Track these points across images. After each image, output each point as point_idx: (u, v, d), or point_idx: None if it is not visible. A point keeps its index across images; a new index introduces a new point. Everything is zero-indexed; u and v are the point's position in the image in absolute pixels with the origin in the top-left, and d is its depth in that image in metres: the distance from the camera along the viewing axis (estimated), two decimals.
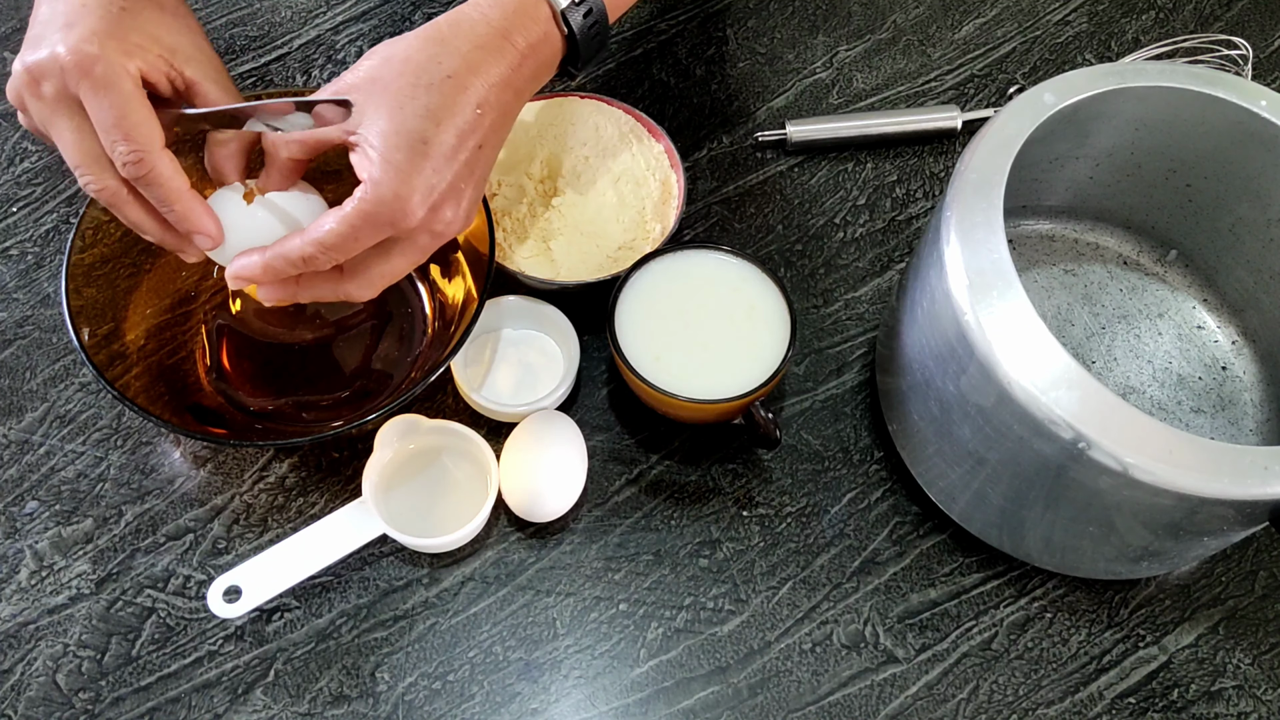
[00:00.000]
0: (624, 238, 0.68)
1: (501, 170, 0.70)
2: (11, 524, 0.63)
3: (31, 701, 0.58)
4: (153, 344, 0.64)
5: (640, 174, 0.70)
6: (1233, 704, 0.60)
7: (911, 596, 0.63)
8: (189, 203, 0.54)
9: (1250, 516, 0.52)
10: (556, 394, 0.64)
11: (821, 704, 0.60)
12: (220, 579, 0.59)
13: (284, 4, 0.82)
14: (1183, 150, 0.63)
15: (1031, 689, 0.60)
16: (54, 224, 0.72)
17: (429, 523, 0.62)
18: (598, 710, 0.59)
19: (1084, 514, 0.55)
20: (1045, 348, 0.50)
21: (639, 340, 0.62)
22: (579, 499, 0.63)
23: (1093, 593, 0.63)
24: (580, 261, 0.67)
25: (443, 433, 0.63)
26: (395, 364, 0.66)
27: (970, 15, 0.85)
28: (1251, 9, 0.86)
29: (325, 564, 0.60)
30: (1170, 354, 0.67)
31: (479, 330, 0.64)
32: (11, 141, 0.76)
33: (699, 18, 0.83)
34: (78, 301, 0.59)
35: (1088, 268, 0.69)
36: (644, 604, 0.62)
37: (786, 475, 0.66)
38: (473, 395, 0.64)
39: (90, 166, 0.53)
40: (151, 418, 0.56)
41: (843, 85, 0.81)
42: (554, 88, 0.73)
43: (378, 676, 0.59)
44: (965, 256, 0.53)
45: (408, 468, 0.63)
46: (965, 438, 0.56)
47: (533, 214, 0.69)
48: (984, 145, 0.56)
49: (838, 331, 0.71)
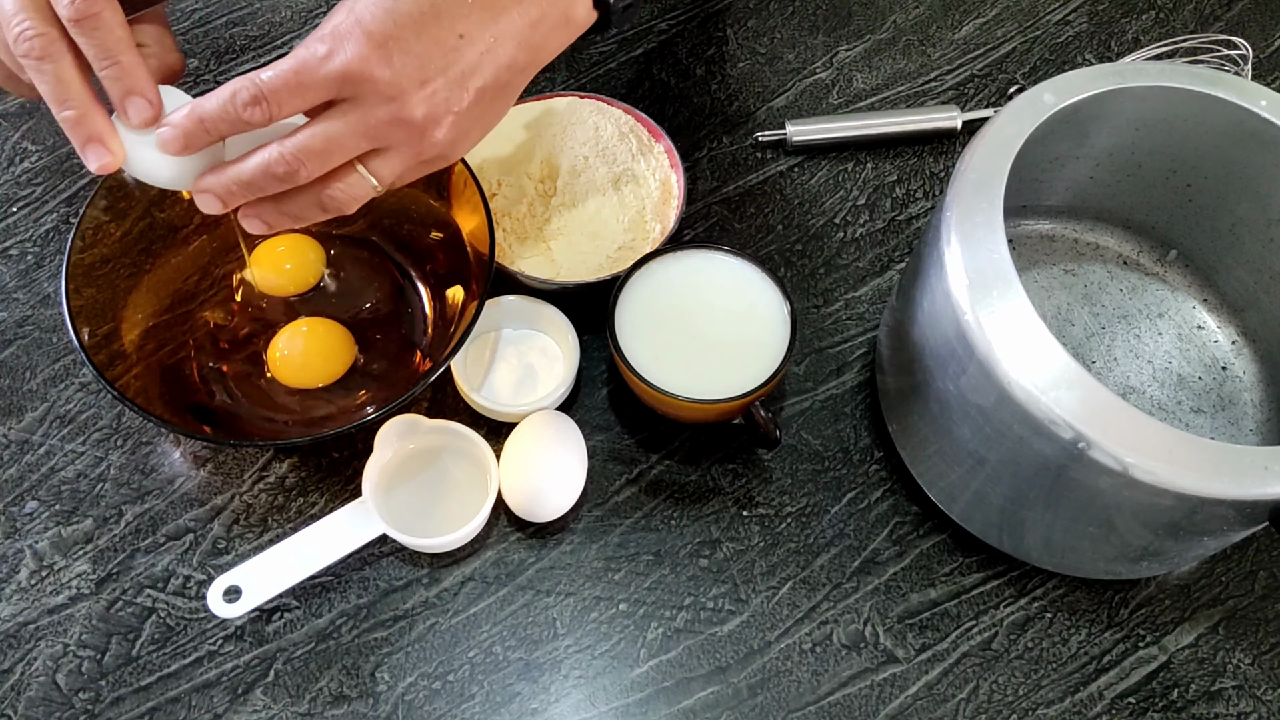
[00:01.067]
0: (624, 238, 0.68)
1: (501, 170, 0.70)
2: (11, 524, 0.63)
3: (31, 701, 0.58)
4: (152, 344, 0.64)
5: (640, 174, 0.70)
6: (1233, 704, 0.60)
7: (911, 596, 0.63)
8: (133, 58, 0.49)
9: (1250, 516, 0.52)
10: (556, 394, 0.64)
11: (821, 704, 0.60)
12: (220, 579, 0.59)
13: (284, 4, 0.82)
14: (1183, 150, 0.63)
15: (1031, 689, 0.60)
16: (54, 224, 0.72)
17: (429, 523, 0.62)
18: (598, 710, 0.59)
19: (1084, 514, 0.55)
20: (1045, 347, 0.50)
21: (639, 340, 0.62)
22: (579, 499, 0.63)
23: (1093, 593, 0.63)
24: (580, 261, 0.67)
25: (443, 433, 0.63)
26: (395, 364, 0.66)
27: (970, 15, 0.85)
28: (1251, 9, 0.86)
29: (325, 564, 0.60)
30: (1170, 354, 0.67)
31: (479, 330, 0.64)
32: (11, 141, 0.76)
33: (699, 18, 0.83)
34: (78, 301, 0.59)
35: (1088, 268, 0.69)
36: (644, 604, 0.62)
37: (786, 475, 0.66)
38: (473, 395, 0.64)
39: (29, 10, 0.49)
40: (151, 418, 0.56)
41: (843, 85, 0.81)
42: (550, 88, 0.73)
43: (378, 676, 0.59)
44: (965, 256, 0.53)
45: (407, 468, 0.63)
46: (965, 438, 0.56)
47: (532, 214, 0.69)
48: (984, 145, 0.56)
49: (838, 331, 0.71)
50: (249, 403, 0.64)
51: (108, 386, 0.57)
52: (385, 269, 0.69)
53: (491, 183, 0.69)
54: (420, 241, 0.69)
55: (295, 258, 0.68)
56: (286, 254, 0.67)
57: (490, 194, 0.68)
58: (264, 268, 0.67)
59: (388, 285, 0.69)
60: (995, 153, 0.56)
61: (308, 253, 0.68)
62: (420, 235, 0.69)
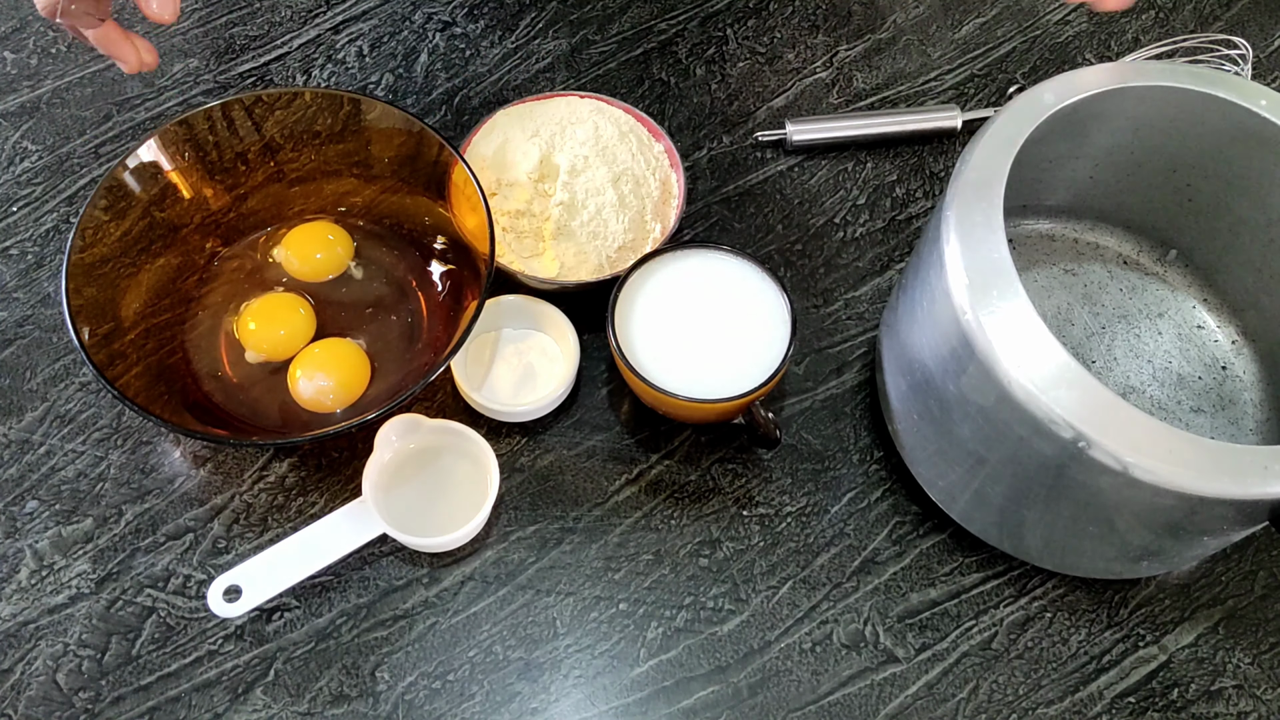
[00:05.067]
0: (624, 238, 0.68)
1: (501, 170, 0.70)
2: (11, 523, 0.63)
3: (31, 701, 0.58)
4: (153, 343, 0.64)
5: (640, 174, 0.70)
6: (1232, 703, 0.60)
7: (911, 596, 0.63)
8: None
9: (1250, 516, 0.52)
10: (556, 394, 0.64)
11: (821, 703, 0.60)
12: (220, 578, 0.59)
13: (284, 4, 0.82)
14: (1183, 150, 0.63)
15: (1031, 688, 0.60)
16: (54, 224, 0.72)
17: (429, 522, 0.62)
18: (598, 710, 0.59)
19: (1084, 513, 0.55)
20: (1045, 347, 0.50)
21: (639, 340, 0.62)
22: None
23: (1093, 592, 0.63)
24: (580, 261, 0.67)
25: (443, 433, 0.63)
26: (395, 364, 0.66)
27: (970, 15, 0.85)
28: (1251, 9, 0.86)
29: (325, 563, 0.60)
30: (1170, 353, 0.67)
31: (479, 329, 0.64)
32: (11, 141, 0.76)
33: (699, 17, 0.84)
34: (78, 301, 0.59)
35: (1088, 267, 0.69)
36: (644, 603, 0.62)
37: (786, 475, 0.66)
38: (473, 395, 0.64)
39: None
40: (151, 417, 0.56)
41: (843, 85, 0.81)
42: (550, 88, 0.73)
43: (378, 676, 0.59)
44: (965, 256, 0.53)
45: (408, 467, 0.63)
46: (965, 437, 0.56)
47: (532, 214, 0.69)
48: (984, 145, 0.56)
49: (838, 331, 0.71)
50: (248, 402, 0.64)
51: (108, 386, 0.57)
52: (390, 266, 0.69)
53: (491, 182, 0.69)
54: (421, 241, 0.69)
55: (326, 246, 0.68)
56: (319, 241, 0.68)
57: (490, 193, 0.68)
58: (295, 252, 0.68)
59: (394, 283, 0.69)
60: (995, 152, 0.56)
61: (337, 244, 0.69)
62: (420, 235, 0.69)
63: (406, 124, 0.66)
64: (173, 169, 0.66)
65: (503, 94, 0.79)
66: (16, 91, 0.78)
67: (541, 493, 0.65)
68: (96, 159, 0.75)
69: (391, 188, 0.70)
